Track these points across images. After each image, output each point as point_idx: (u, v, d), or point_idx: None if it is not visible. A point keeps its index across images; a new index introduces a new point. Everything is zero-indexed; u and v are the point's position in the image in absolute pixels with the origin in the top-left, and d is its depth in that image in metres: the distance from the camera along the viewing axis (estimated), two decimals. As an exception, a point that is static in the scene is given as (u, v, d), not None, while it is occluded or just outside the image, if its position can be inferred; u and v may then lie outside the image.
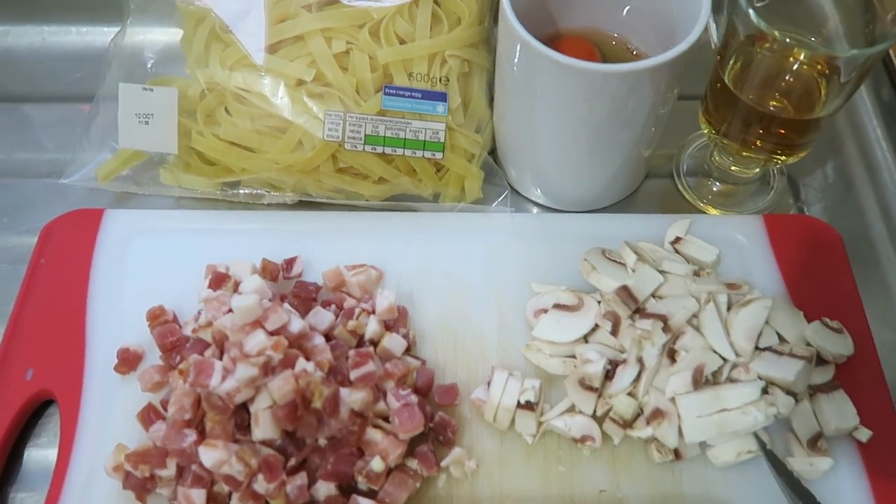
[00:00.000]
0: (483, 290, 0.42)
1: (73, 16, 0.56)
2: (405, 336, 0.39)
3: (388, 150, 0.43)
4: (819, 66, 0.38)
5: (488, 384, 0.38)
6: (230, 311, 0.37)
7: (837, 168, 0.49)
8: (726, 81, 0.40)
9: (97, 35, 0.56)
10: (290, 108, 0.42)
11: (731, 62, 0.39)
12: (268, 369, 0.34)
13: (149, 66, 0.47)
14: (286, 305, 0.39)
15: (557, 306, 0.39)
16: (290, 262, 0.42)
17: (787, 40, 0.35)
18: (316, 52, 0.43)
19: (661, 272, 0.40)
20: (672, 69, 0.36)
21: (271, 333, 0.36)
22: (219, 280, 0.39)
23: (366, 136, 0.42)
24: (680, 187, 0.47)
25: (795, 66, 0.38)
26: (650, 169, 0.48)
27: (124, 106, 0.44)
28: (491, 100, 0.47)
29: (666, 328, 0.37)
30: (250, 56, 0.43)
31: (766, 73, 0.38)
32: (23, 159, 0.50)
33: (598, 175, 0.44)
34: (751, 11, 0.36)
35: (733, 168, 0.45)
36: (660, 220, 0.44)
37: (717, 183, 0.47)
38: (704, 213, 0.46)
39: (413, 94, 0.43)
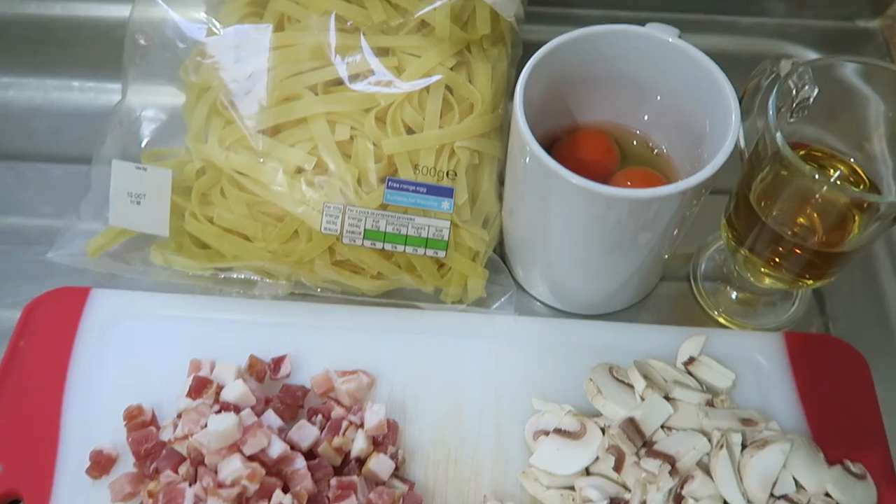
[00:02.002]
0: (481, 402, 0.40)
1: (77, 70, 0.54)
2: (394, 456, 0.37)
3: (388, 247, 0.40)
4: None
5: (480, 515, 0.35)
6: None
7: (867, 280, 0.45)
8: (751, 198, 0.37)
9: (100, 92, 0.54)
10: (288, 197, 0.40)
11: (758, 177, 0.36)
12: (242, 500, 0.32)
13: (146, 135, 0.45)
14: (269, 415, 0.37)
15: (558, 431, 0.37)
16: (277, 362, 0.40)
17: (816, 176, 0.32)
18: (318, 137, 0.41)
19: (672, 399, 0.37)
20: (697, 191, 0.34)
21: (249, 458, 0.33)
22: (200, 387, 0.37)
23: (365, 230, 0.40)
24: (696, 293, 0.45)
25: (826, 189, 0.35)
26: (667, 271, 0.45)
27: (116, 184, 0.42)
28: (501, 190, 0.44)
29: (673, 471, 0.34)
30: (249, 138, 0.41)
31: (792, 195, 0.35)
32: (14, 224, 0.48)
33: (613, 280, 0.41)
34: (778, 135, 0.33)
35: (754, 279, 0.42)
36: (673, 332, 0.42)
37: (736, 291, 0.44)
38: (720, 324, 0.43)
39: (418, 188, 0.40)
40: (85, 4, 0.57)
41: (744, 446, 0.36)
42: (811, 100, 0.35)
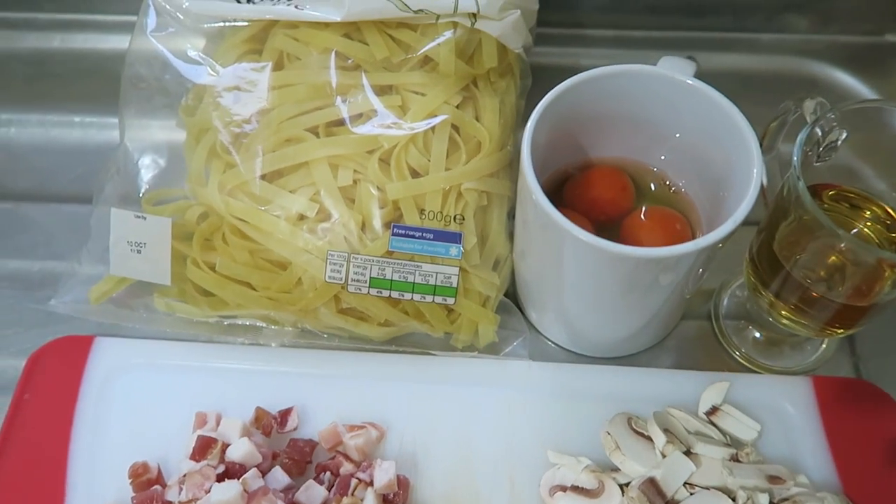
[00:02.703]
0: (494, 454, 0.38)
1: (77, 104, 0.53)
2: (404, 515, 0.36)
3: (395, 294, 0.39)
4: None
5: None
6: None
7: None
8: (774, 245, 0.35)
9: (102, 127, 0.53)
10: (291, 246, 0.39)
11: (782, 223, 0.34)
12: (248, 573, 0.31)
13: (146, 179, 0.44)
14: (277, 472, 0.36)
15: (575, 489, 0.35)
16: (284, 415, 0.39)
17: (840, 232, 0.30)
18: (320, 182, 0.39)
19: (694, 454, 0.36)
20: (716, 246, 0.32)
21: (254, 527, 0.32)
22: (204, 448, 0.36)
23: (371, 278, 0.39)
24: (717, 332, 0.43)
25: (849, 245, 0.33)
26: (687, 309, 0.43)
27: (116, 232, 0.41)
28: (511, 226, 0.43)
29: (696, 536, 0.32)
30: (249, 183, 0.40)
31: (817, 245, 0.33)
32: (17, 269, 0.47)
33: (631, 323, 0.40)
34: (801, 185, 0.31)
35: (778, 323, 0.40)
36: (693, 378, 0.40)
37: (760, 331, 0.42)
38: (743, 365, 0.41)
39: (424, 234, 0.39)
40: (84, 36, 0.56)
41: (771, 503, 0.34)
42: (839, 142, 0.33)
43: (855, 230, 0.36)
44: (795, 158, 0.31)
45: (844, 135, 0.34)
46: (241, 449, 0.36)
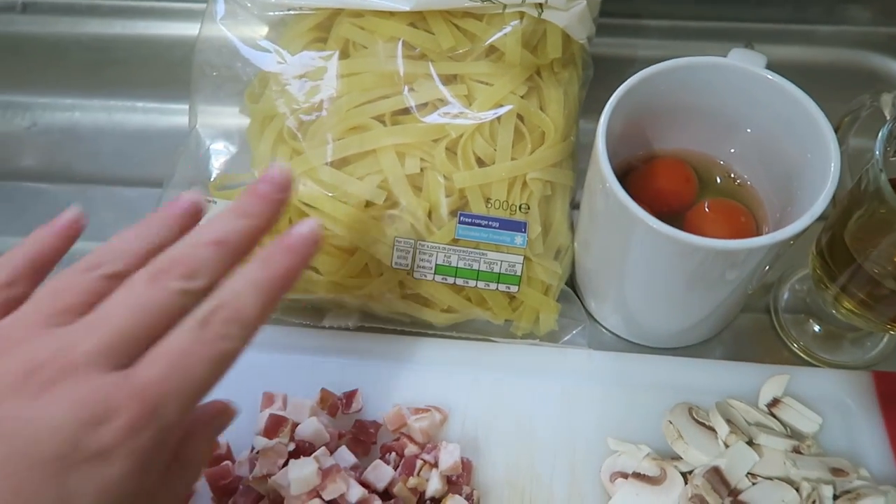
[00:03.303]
0: (555, 440, 0.39)
1: (139, 90, 0.54)
2: (469, 496, 0.36)
3: (459, 282, 0.40)
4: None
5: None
6: (286, 464, 0.35)
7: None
8: (845, 236, 0.35)
9: (163, 113, 0.54)
10: (359, 232, 0.40)
11: (855, 214, 0.34)
12: (323, 548, 0.32)
13: (215, 163, 0.44)
14: (343, 451, 0.37)
15: (637, 475, 0.36)
16: (349, 397, 0.40)
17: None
18: (388, 170, 0.40)
19: (756, 445, 0.36)
20: (789, 241, 0.32)
21: (328, 502, 0.33)
22: (275, 426, 0.37)
23: (437, 265, 0.40)
24: (776, 325, 0.43)
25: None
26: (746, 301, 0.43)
27: None
28: (572, 217, 0.43)
29: (761, 524, 0.33)
30: (317, 170, 0.41)
31: (891, 240, 0.33)
32: (84, 249, 0.49)
33: (693, 315, 0.40)
34: (883, 177, 0.31)
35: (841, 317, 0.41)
36: (753, 370, 0.40)
37: (820, 325, 0.42)
38: (801, 359, 0.42)
39: (490, 223, 0.39)
40: (145, 23, 0.57)
41: (835, 497, 0.34)
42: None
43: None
44: (878, 153, 0.31)
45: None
46: (310, 427, 0.37)
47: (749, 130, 0.38)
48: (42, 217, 0.50)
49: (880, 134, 0.32)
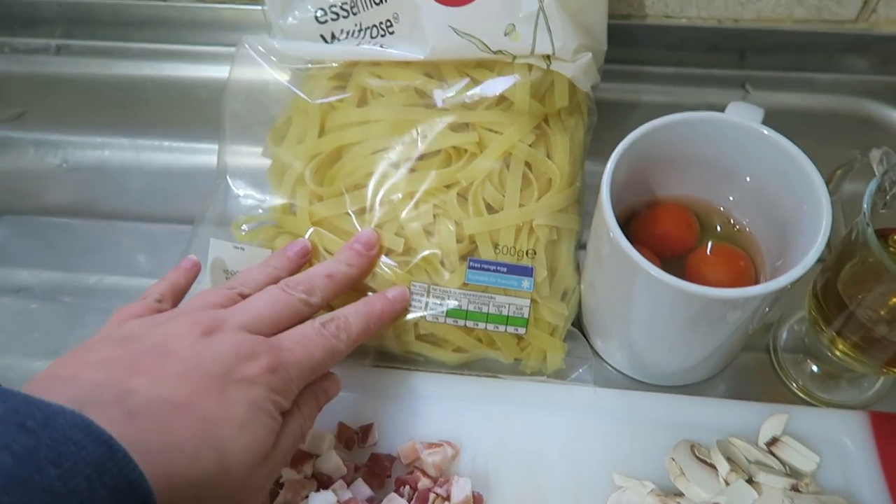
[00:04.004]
0: (561, 475, 0.40)
1: (165, 129, 0.57)
2: (479, 530, 0.38)
3: (469, 324, 0.42)
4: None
5: None
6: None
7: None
8: (838, 284, 0.37)
9: (188, 152, 0.56)
10: (377, 276, 0.42)
11: (847, 263, 0.36)
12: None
13: (242, 206, 0.46)
14: (359, 484, 0.39)
15: (640, 511, 0.38)
16: (365, 430, 0.42)
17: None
18: (405, 218, 0.42)
19: (755, 483, 0.37)
20: (785, 289, 0.34)
21: (346, 534, 0.35)
22: (300, 460, 0.39)
23: (448, 309, 0.41)
24: (775, 364, 0.45)
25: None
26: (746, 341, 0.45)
27: (214, 261, 0.44)
28: (578, 257, 0.45)
29: (759, 561, 0.34)
30: (337, 217, 0.43)
31: (883, 288, 0.35)
32: (113, 283, 0.51)
33: (694, 355, 0.42)
34: (870, 231, 0.33)
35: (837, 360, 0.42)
36: (753, 408, 0.42)
37: (818, 365, 0.44)
38: (800, 397, 0.43)
39: (498, 268, 0.41)
40: (172, 65, 0.60)
41: (830, 535, 0.36)
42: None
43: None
44: (865, 206, 0.33)
45: (911, 184, 0.36)
46: (330, 461, 0.39)
47: (748, 179, 0.40)
48: (72, 251, 0.53)
49: (868, 189, 0.33)
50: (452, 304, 0.41)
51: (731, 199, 0.42)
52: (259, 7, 0.49)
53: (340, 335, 0.35)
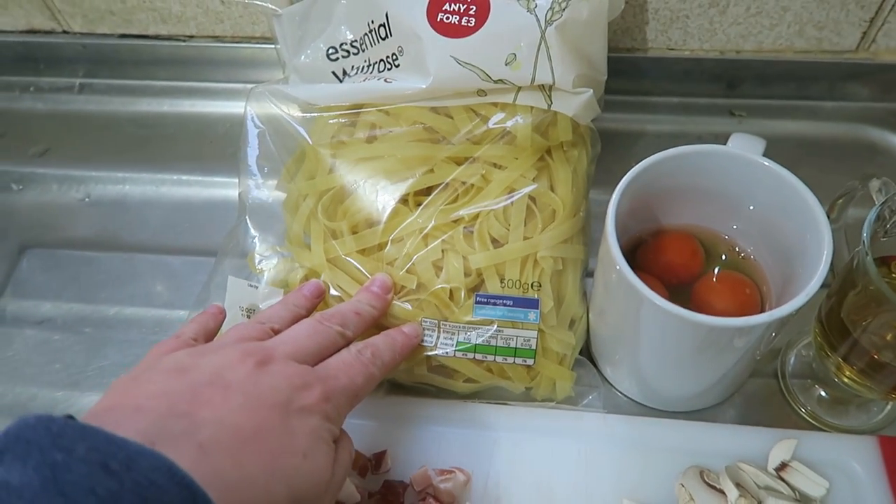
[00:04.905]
0: (573, 501, 0.41)
1: (183, 164, 0.59)
2: (491, 557, 0.38)
3: (478, 356, 0.42)
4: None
5: None
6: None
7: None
8: (842, 313, 0.37)
9: (205, 186, 0.58)
10: (388, 315, 0.43)
11: (850, 293, 0.37)
12: None
13: (258, 249, 0.47)
14: (374, 512, 0.39)
15: (651, 538, 0.38)
16: (378, 458, 0.42)
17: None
18: (416, 256, 0.43)
19: (765, 509, 0.38)
20: (789, 317, 0.34)
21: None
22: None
23: (458, 342, 0.42)
24: (784, 390, 0.45)
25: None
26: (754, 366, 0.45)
27: (231, 299, 0.45)
28: (585, 286, 0.46)
29: (770, 588, 0.35)
30: (350, 255, 0.44)
31: (885, 317, 0.35)
32: (133, 314, 0.52)
33: (703, 381, 0.42)
34: (869, 261, 0.34)
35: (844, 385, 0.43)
36: (762, 434, 0.42)
37: (826, 390, 0.44)
38: (808, 422, 0.43)
39: (505, 301, 0.42)
40: (191, 101, 0.62)
41: (840, 562, 0.36)
42: (905, 220, 0.36)
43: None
44: (865, 235, 0.34)
45: (910, 212, 0.36)
46: (344, 489, 0.40)
47: (751, 209, 0.41)
48: (93, 283, 0.54)
49: (867, 219, 0.34)
50: (462, 338, 0.42)
51: (735, 227, 0.43)
52: (273, 46, 0.51)
53: (376, 362, 0.37)
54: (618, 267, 0.36)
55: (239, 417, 0.29)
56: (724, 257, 0.44)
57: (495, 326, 0.42)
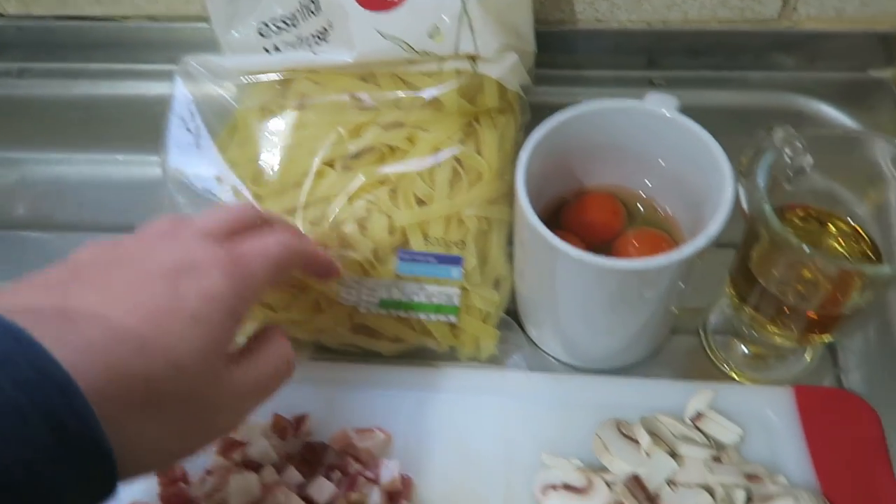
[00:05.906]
0: (492, 458, 0.41)
1: (121, 144, 0.59)
2: (408, 511, 0.38)
3: (402, 314, 0.43)
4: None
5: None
6: (236, 480, 0.38)
7: (882, 332, 0.45)
8: (750, 264, 0.38)
9: (143, 164, 0.57)
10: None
11: (755, 243, 0.38)
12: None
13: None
14: (291, 471, 0.39)
15: (566, 487, 0.38)
16: (299, 421, 0.42)
17: (807, 250, 0.33)
18: (341, 213, 0.43)
19: (678, 455, 0.38)
20: (691, 259, 0.35)
21: (270, 516, 0.36)
22: (230, 448, 0.40)
23: (381, 300, 0.43)
24: (706, 347, 0.46)
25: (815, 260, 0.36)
26: (677, 324, 0.46)
27: None
28: (511, 253, 0.46)
29: (677, 528, 0.35)
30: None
31: (787, 262, 0.36)
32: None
33: (622, 335, 0.43)
34: (766, 208, 0.34)
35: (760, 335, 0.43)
36: (683, 387, 0.42)
37: (746, 345, 0.45)
38: (731, 377, 0.44)
39: (428, 258, 0.43)
40: (131, 83, 0.62)
41: (749, 501, 0.36)
42: (807, 168, 0.36)
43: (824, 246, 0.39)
44: (761, 182, 0.35)
45: (811, 160, 0.37)
46: (258, 448, 0.40)
47: (663, 164, 0.42)
48: (29, 263, 0.54)
49: (762, 164, 0.35)
50: (384, 295, 0.42)
51: (649, 184, 0.43)
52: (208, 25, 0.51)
53: (298, 238, 0.36)
54: (527, 219, 0.36)
55: (117, 285, 0.28)
56: (643, 214, 0.44)
57: (419, 283, 0.42)
